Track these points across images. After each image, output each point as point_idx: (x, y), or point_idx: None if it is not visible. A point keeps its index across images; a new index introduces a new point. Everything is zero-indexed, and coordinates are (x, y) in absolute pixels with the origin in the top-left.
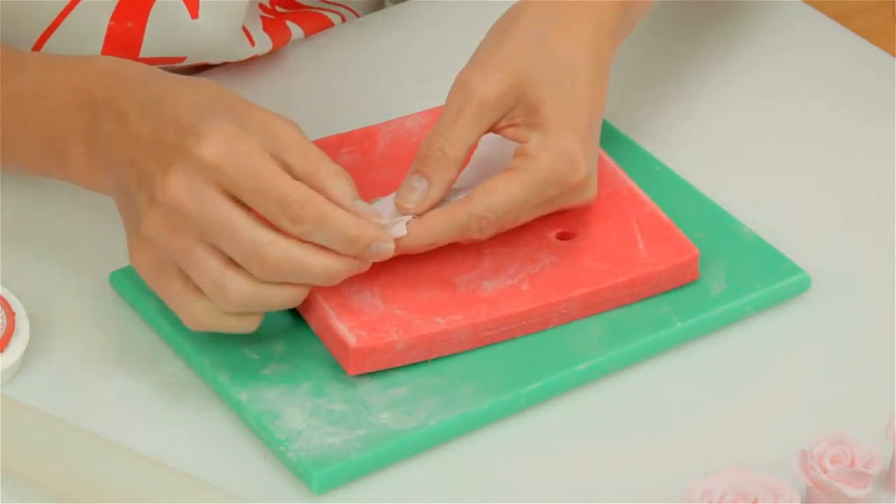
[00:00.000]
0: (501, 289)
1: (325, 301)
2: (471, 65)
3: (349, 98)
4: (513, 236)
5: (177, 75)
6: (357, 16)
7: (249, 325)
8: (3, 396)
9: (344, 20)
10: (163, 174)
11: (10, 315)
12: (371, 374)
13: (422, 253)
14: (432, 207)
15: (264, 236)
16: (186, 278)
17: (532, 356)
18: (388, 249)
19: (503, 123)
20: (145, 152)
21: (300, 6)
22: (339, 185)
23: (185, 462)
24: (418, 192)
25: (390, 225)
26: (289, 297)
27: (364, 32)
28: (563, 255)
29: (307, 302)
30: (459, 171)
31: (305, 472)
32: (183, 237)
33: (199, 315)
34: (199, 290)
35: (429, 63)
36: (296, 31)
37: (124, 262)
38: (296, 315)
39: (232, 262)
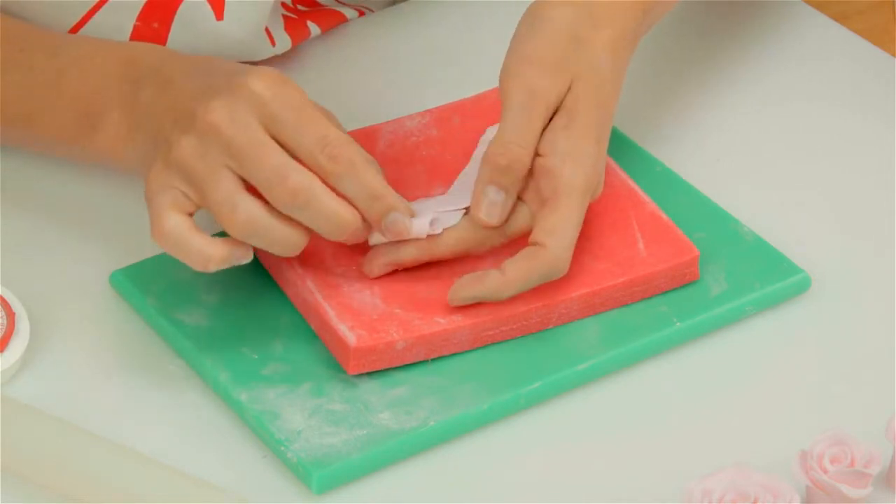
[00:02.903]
0: None
1: (325, 301)
2: (520, 60)
3: (360, 95)
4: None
5: None
6: (373, 13)
7: (207, 259)
8: (3, 396)
9: (362, 16)
10: (206, 104)
11: (10, 315)
12: (371, 374)
13: None
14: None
15: (292, 162)
16: (181, 197)
17: (532, 356)
18: (405, 225)
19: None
20: (190, 98)
21: (320, 5)
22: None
23: (186, 462)
24: (499, 205)
25: (428, 229)
26: (289, 238)
27: (374, 30)
28: None
29: (307, 302)
30: None
31: (305, 473)
32: (209, 160)
33: (172, 227)
34: (186, 211)
35: (430, 62)
36: (314, 29)
37: (124, 262)
38: (296, 315)
39: (250, 188)
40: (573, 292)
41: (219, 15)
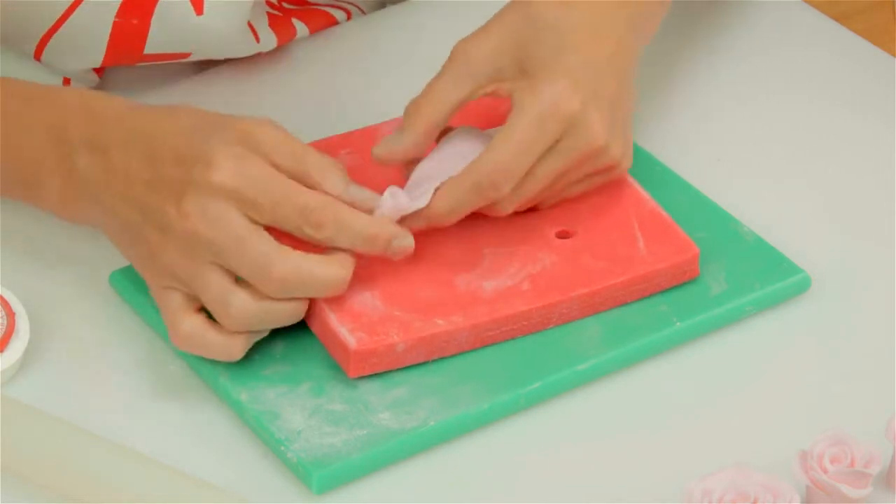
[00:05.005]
0: (501, 289)
1: (326, 304)
2: (471, 34)
3: (350, 97)
4: (513, 235)
5: (148, 105)
6: (363, 13)
7: (233, 350)
8: (3, 396)
9: (350, 18)
10: (176, 205)
11: (10, 315)
12: (371, 374)
13: (421, 254)
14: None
15: (273, 251)
16: (187, 297)
17: (532, 356)
18: (409, 243)
19: (493, 87)
20: (141, 187)
21: (307, 3)
22: (330, 177)
23: (186, 462)
24: (390, 139)
25: (410, 203)
26: (291, 312)
27: (365, 32)
28: (563, 255)
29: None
30: (437, 127)
31: (305, 472)
32: (194, 260)
33: (188, 330)
34: (195, 308)
35: (429, 62)
36: (301, 28)
37: (124, 262)
38: None
39: (239, 280)
40: (573, 292)
41: (198, 10)
